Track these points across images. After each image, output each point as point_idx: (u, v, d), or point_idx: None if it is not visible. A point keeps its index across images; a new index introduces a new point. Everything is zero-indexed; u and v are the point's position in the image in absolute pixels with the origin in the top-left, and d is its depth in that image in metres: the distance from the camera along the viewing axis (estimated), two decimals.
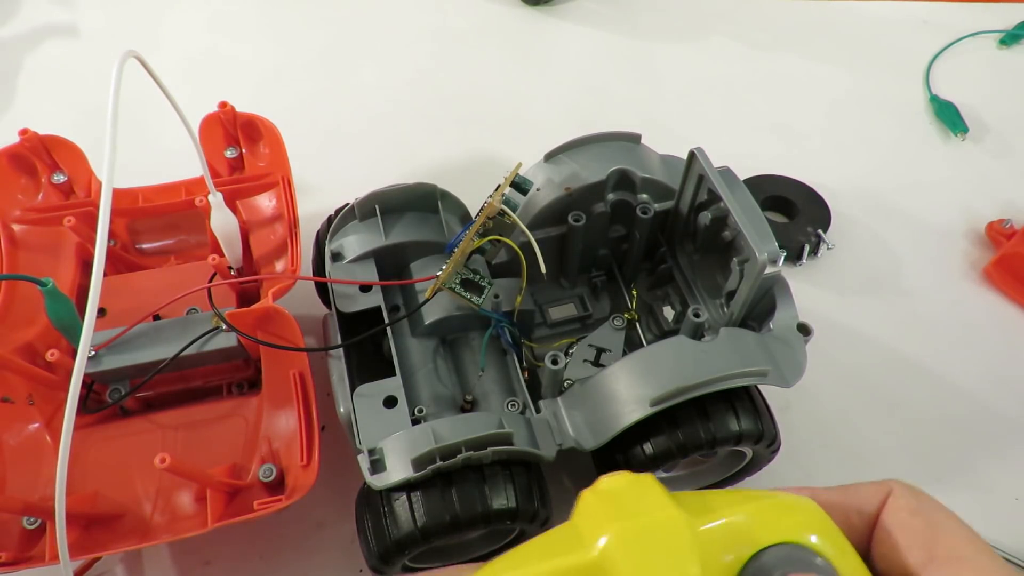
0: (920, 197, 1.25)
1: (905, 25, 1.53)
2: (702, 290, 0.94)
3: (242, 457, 0.86)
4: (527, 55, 1.47)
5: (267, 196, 1.02)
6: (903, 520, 0.43)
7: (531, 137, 1.24)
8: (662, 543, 0.40)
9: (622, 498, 0.43)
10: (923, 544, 0.42)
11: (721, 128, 1.35)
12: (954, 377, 1.06)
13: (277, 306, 0.85)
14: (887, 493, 0.44)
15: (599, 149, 0.93)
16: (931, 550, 0.41)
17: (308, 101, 1.37)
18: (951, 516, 0.42)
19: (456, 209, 0.96)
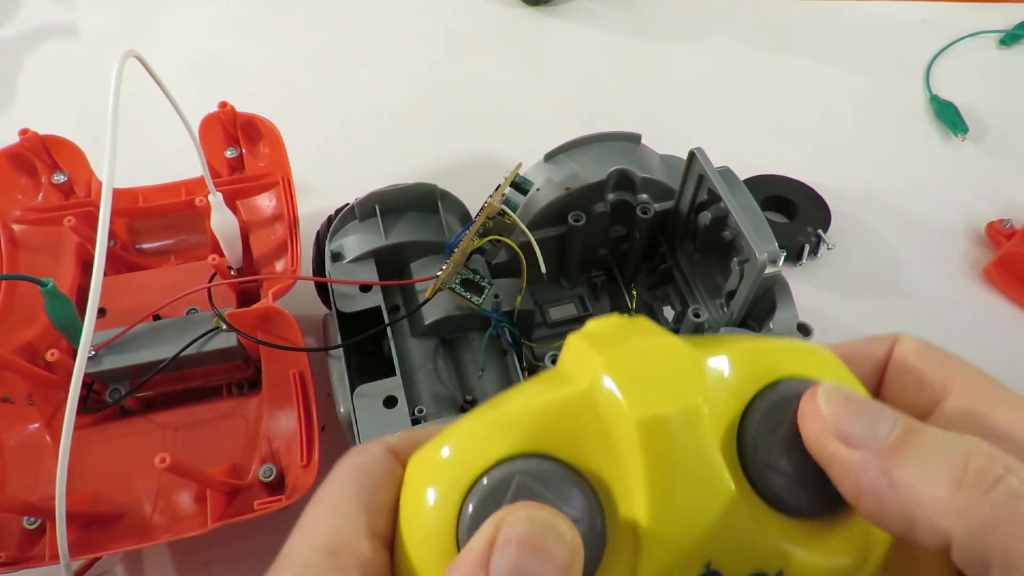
0: (920, 197, 1.25)
1: (905, 25, 1.53)
2: (702, 290, 0.94)
3: (242, 457, 0.86)
4: (527, 55, 1.47)
5: (267, 196, 1.02)
6: (913, 361, 0.40)
7: (531, 137, 1.24)
8: (660, 369, 0.35)
9: (614, 334, 0.37)
10: (936, 381, 0.39)
11: (721, 128, 1.35)
12: None
13: (277, 306, 0.85)
14: (894, 340, 0.42)
15: (599, 149, 0.93)
16: (945, 385, 0.38)
17: (308, 101, 1.37)
18: (960, 358, 0.40)
19: (456, 209, 0.96)
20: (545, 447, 0.34)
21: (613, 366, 0.34)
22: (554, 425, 0.34)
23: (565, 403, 0.35)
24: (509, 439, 0.34)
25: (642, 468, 0.33)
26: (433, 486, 0.34)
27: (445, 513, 0.33)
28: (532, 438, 0.34)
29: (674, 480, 0.33)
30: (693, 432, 0.34)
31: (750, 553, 0.34)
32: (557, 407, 0.35)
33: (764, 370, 0.37)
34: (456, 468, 0.34)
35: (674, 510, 0.33)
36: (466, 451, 0.34)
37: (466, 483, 0.33)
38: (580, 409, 0.35)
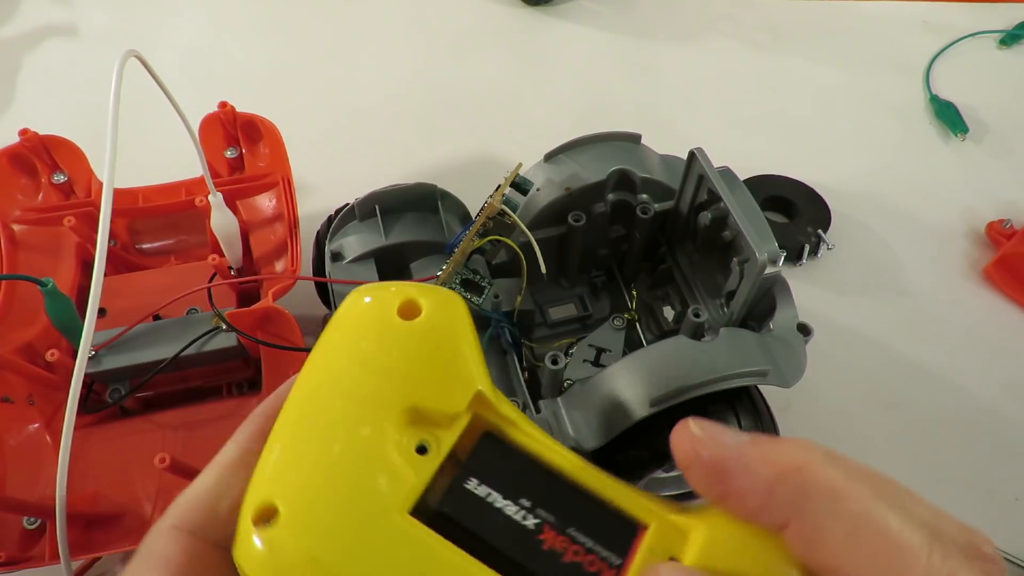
0: (920, 197, 1.26)
1: (905, 25, 1.53)
2: (702, 290, 0.94)
3: None
4: (527, 55, 1.47)
5: (267, 196, 1.02)
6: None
7: (531, 137, 1.24)
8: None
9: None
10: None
11: (721, 128, 1.35)
12: (954, 377, 1.06)
13: (277, 306, 0.86)
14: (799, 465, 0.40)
15: (599, 149, 0.93)
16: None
17: (308, 101, 1.37)
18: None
19: (456, 209, 0.96)
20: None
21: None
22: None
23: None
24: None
25: None
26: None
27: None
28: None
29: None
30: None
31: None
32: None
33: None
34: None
35: None
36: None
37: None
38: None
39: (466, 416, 0.41)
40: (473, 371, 0.42)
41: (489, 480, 0.39)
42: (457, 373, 0.42)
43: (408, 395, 0.40)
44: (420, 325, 0.43)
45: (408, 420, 0.39)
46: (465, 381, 0.42)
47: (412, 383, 0.41)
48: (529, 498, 0.38)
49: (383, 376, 0.41)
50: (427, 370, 0.41)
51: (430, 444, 0.39)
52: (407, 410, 0.39)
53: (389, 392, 0.40)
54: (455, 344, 0.43)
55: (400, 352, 0.42)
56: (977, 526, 0.41)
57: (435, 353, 0.42)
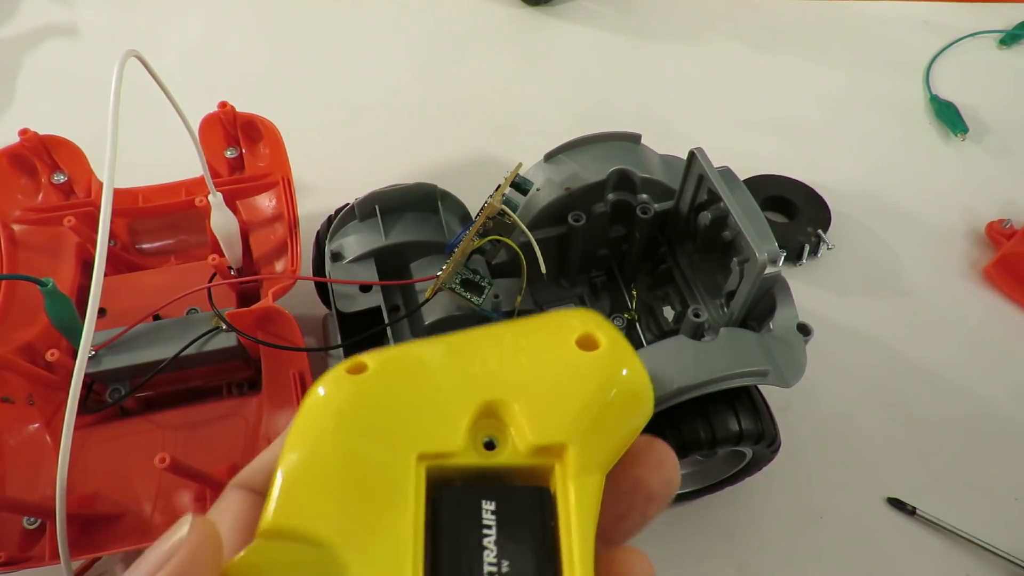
0: (920, 197, 1.26)
1: (905, 25, 1.53)
2: (702, 290, 0.94)
3: (242, 457, 0.86)
4: (527, 55, 1.47)
5: (267, 196, 1.02)
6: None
7: (531, 137, 1.24)
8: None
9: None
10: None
11: (721, 128, 1.35)
12: (954, 377, 1.06)
13: (277, 306, 0.86)
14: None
15: (599, 149, 0.93)
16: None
17: (308, 101, 1.37)
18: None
19: (456, 209, 0.96)
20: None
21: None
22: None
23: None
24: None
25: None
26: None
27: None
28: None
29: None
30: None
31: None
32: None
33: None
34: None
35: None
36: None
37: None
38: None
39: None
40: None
41: (502, 519, 0.35)
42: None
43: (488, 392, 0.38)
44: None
45: (484, 413, 0.37)
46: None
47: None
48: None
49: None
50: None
51: (499, 443, 0.37)
52: (487, 403, 0.37)
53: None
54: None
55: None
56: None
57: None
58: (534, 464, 0.36)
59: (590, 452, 0.36)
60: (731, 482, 0.93)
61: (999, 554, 0.91)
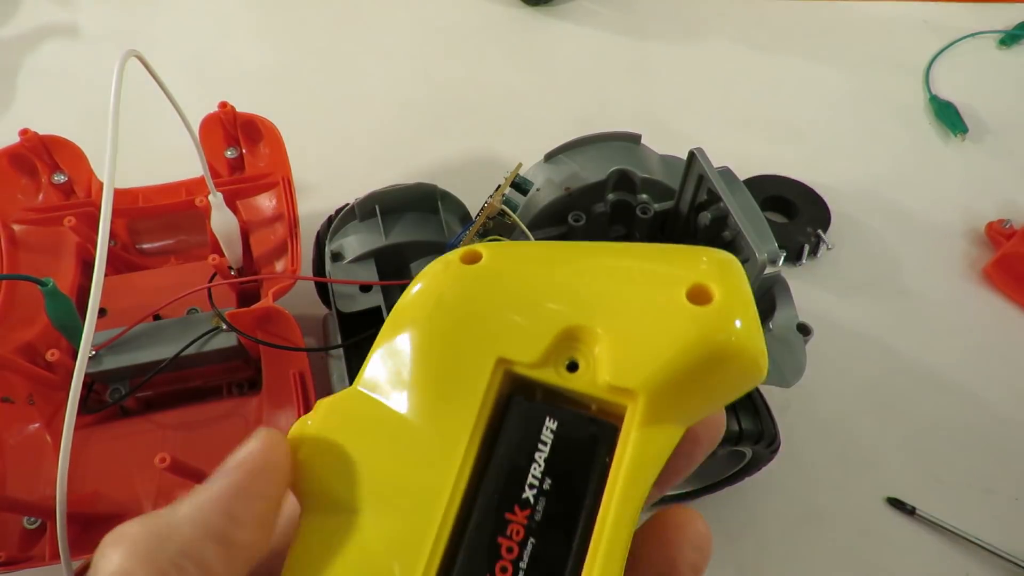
0: (920, 197, 1.26)
1: (905, 25, 1.53)
2: None
3: None
4: (527, 55, 1.47)
5: (267, 196, 1.02)
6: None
7: (531, 137, 1.24)
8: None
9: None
10: None
11: (721, 128, 1.35)
12: (954, 377, 1.06)
13: (277, 306, 0.86)
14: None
15: (599, 149, 0.93)
16: None
17: (308, 101, 1.37)
18: None
19: (456, 209, 0.96)
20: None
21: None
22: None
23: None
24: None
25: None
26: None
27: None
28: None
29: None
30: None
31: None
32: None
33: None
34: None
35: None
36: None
37: None
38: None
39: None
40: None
41: (559, 440, 0.36)
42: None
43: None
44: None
45: (572, 335, 0.37)
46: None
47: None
48: (552, 482, 0.36)
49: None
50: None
51: (581, 368, 0.37)
52: (577, 326, 0.37)
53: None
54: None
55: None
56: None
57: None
58: (609, 400, 0.36)
59: (666, 405, 0.35)
60: (731, 482, 0.93)
61: (999, 554, 0.91)
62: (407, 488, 0.35)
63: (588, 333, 0.37)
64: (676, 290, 0.36)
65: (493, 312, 0.38)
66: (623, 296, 0.37)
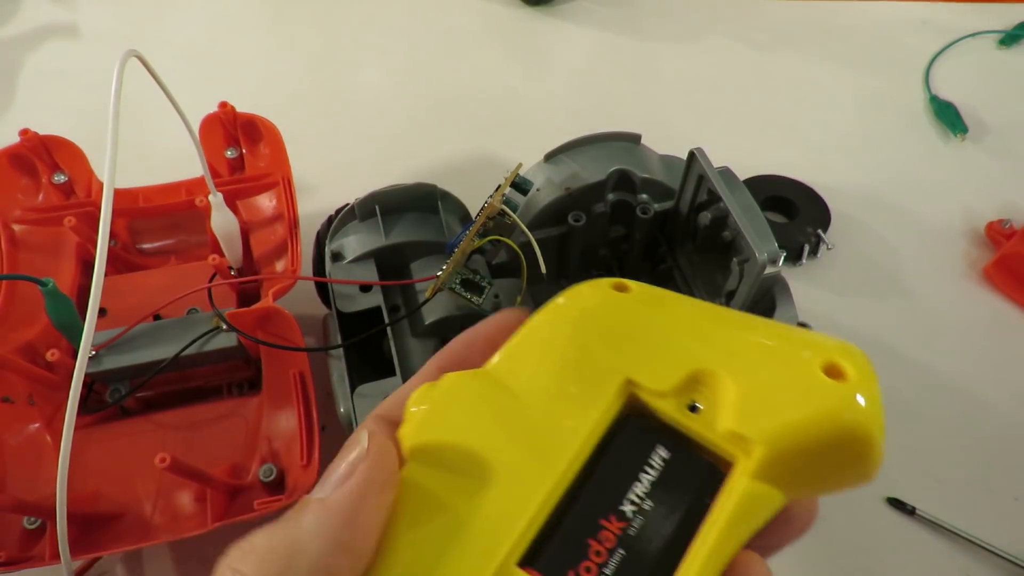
0: (920, 197, 1.26)
1: (905, 25, 1.53)
2: (702, 290, 0.94)
3: (242, 457, 0.86)
4: (527, 55, 1.47)
5: (267, 196, 1.03)
6: None
7: (531, 137, 1.24)
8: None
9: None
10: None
11: (721, 128, 1.35)
12: (954, 377, 1.06)
13: (277, 306, 0.86)
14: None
15: (599, 149, 0.93)
16: None
17: (308, 101, 1.37)
18: None
19: (456, 209, 0.96)
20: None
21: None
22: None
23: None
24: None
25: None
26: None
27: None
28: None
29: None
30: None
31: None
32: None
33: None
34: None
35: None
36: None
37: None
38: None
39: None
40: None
41: (667, 469, 0.37)
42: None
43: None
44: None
45: (701, 378, 0.38)
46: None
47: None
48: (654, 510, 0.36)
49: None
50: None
51: (701, 411, 0.38)
52: (709, 369, 0.38)
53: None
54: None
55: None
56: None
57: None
58: (723, 447, 0.37)
59: (779, 467, 0.36)
60: None
61: (999, 554, 0.91)
62: (514, 471, 0.36)
63: (717, 379, 0.38)
64: (811, 360, 0.36)
65: (631, 336, 0.40)
66: (757, 354, 0.38)
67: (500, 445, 0.37)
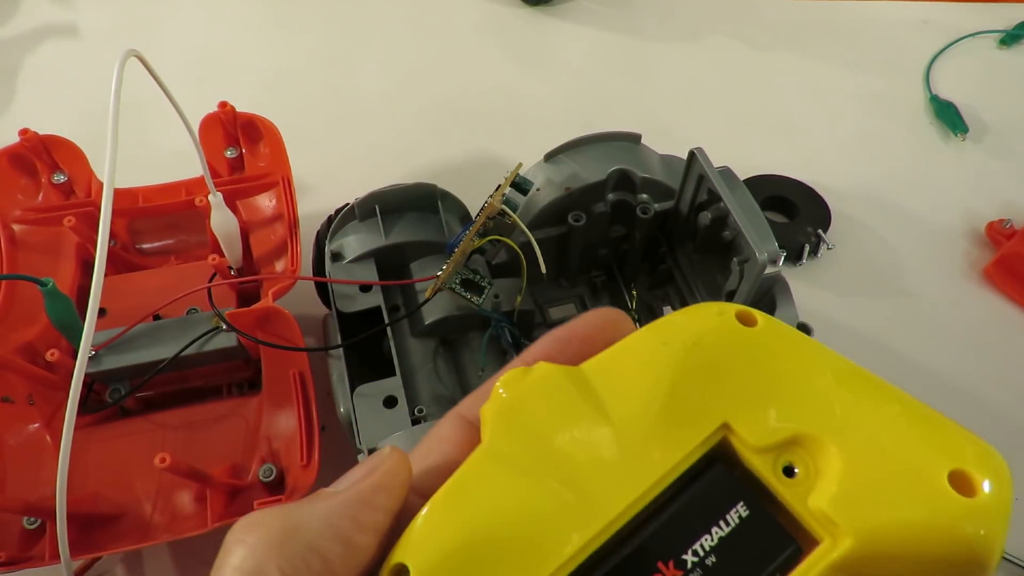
0: (920, 197, 1.26)
1: (905, 25, 1.53)
2: (702, 290, 0.94)
3: (242, 457, 0.86)
4: (527, 55, 1.47)
5: (267, 196, 1.03)
6: None
7: (531, 137, 1.24)
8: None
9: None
10: None
11: (721, 128, 1.35)
12: (954, 377, 1.07)
13: (277, 306, 0.86)
14: None
15: (599, 149, 0.93)
16: None
17: (308, 101, 1.37)
18: None
19: (456, 209, 0.96)
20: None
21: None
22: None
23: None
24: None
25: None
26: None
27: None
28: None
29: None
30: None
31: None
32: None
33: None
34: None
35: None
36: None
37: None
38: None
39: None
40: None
41: (741, 527, 0.34)
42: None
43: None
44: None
45: (806, 442, 0.35)
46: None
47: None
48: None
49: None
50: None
51: (798, 478, 0.35)
52: (816, 435, 0.35)
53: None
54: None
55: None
56: None
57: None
58: (808, 522, 0.34)
59: (868, 566, 0.32)
60: None
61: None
62: (585, 483, 0.34)
63: (824, 449, 0.34)
64: (938, 461, 0.33)
65: (743, 378, 0.37)
66: (879, 435, 0.35)
67: (577, 453, 0.35)
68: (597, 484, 0.34)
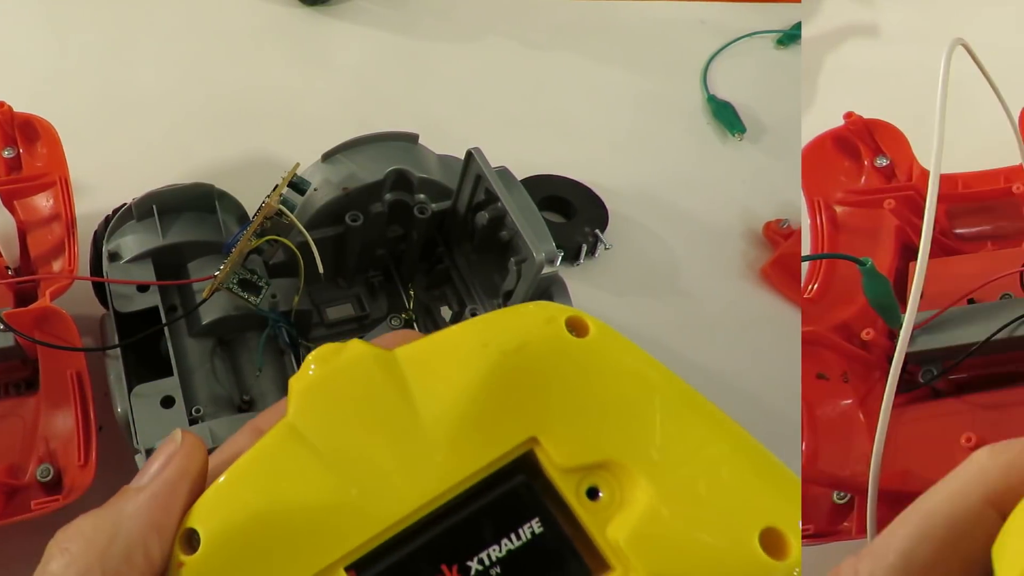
0: (698, 197, 1.31)
1: (682, 25, 1.57)
2: (479, 290, 0.97)
3: (19, 457, 0.87)
4: (305, 55, 1.50)
5: (44, 196, 1.03)
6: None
7: (309, 137, 1.25)
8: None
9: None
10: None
11: (500, 128, 1.38)
12: (731, 375, 1.11)
13: (55, 306, 0.87)
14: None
15: (377, 149, 0.96)
16: None
17: (86, 100, 1.37)
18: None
19: (234, 209, 0.98)
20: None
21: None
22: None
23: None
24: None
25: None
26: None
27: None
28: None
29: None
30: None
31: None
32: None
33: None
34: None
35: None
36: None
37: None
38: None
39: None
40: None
41: (532, 545, 0.34)
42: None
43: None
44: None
45: (616, 468, 0.35)
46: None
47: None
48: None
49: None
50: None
51: (601, 503, 0.35)
52: (627, 464, 0.35)
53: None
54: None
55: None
56: None
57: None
58: (602, 551, 0.34)
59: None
60: None
61: None
62: (380, 478, 0.35)
63: (633, 481, 0.35)
64: (753, 517, 0.34)
65: (562, 392, 0.37)
66: (695, 479, 0.35)
67: (377, 446, 0.35)
68: (391, 481, 0.35)
